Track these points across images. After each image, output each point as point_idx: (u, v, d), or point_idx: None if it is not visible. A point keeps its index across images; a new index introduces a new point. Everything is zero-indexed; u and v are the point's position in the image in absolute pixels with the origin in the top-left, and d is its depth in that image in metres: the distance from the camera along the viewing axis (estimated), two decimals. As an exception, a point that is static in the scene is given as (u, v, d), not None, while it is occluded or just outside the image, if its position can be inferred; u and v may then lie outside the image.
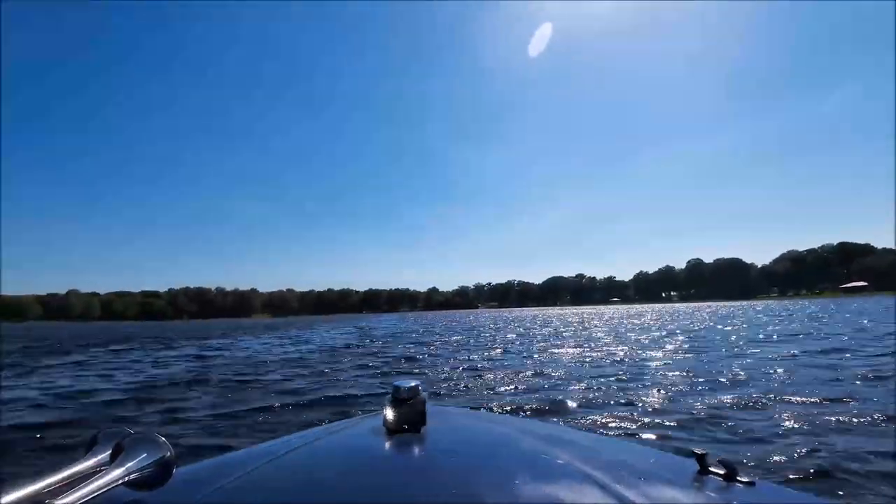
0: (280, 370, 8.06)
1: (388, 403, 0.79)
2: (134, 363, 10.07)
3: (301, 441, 0.77)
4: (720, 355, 8.04)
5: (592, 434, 1.19)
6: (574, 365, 7.58)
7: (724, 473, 0.64)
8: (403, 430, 0.76)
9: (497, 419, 1.17)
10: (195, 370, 8.39)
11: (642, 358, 8.11)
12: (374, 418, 0.88)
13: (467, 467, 0.64)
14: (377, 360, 9.33)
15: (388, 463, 0.68)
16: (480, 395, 5.31)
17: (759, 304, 57.38)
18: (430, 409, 0.83)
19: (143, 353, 12.92)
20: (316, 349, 12.50)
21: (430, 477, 0.59)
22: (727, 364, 6.85)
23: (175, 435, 3.88)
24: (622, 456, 0.73)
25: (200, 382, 6.68)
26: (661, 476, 0.63)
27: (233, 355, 11.41)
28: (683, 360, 7.70)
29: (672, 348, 9.63)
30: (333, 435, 0.82)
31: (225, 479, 0.59)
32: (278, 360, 9.72)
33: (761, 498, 0.61)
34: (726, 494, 0.60)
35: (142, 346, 15.97)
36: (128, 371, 8.54)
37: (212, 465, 0.69)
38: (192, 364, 9.56)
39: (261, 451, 0.74)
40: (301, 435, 0.85)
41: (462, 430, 0.87)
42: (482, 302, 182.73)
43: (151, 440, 0.47)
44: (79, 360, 11.06)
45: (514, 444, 0.76)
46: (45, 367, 9.58)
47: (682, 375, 6.04)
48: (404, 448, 0.72)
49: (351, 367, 8.16)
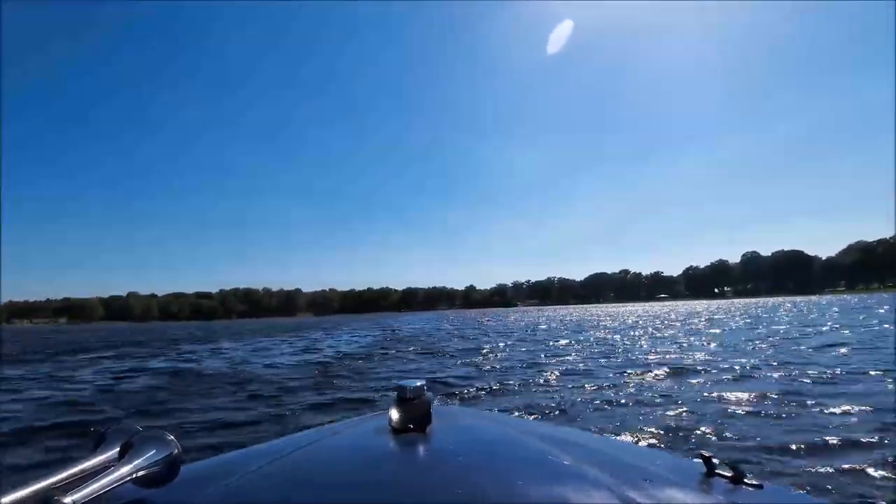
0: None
1: (394, 403, 0.78)
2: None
3: (307, 440, 0.77)
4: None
5: (598, 435, 1.12)
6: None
7: (732, 476, 0.63)
8: (409, 430, 0.75)
9: (503, 419, 1.15)
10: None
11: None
12: (380, 418, 0.86)
13: (472, 467, 0.63)
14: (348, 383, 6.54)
15: (394, 462, 0.67)
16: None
17: (828, 298, 51.81)
18: (436, 408, 0.82)
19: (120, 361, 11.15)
20: (312, 360, 9.50)
21: (436, 476, 0.59)
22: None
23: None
24: (628, 458, 0.72)
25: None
26: (668, 478, 0.62)
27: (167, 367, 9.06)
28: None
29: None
30: (339, 434, 0.82)
31: (231, 477, 0.60)
32: (211, 376, 7.57)
33: (769, 501, 0.60)
34: (733, 497, 0.59)
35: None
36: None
37: (218, 463, 0.69)
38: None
39: (267, 450, 0.74)
40: (307, 434, 0.85)
41: (468, 430, 0.86)
42: (521, 300, 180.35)
43: (159, 437, 0.47)
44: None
45: (519, 445, 0.75)
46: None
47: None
48: (409, 447, 0.71)
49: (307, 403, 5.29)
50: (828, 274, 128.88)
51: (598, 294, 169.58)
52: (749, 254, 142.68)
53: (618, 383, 5.54)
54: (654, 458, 0.75)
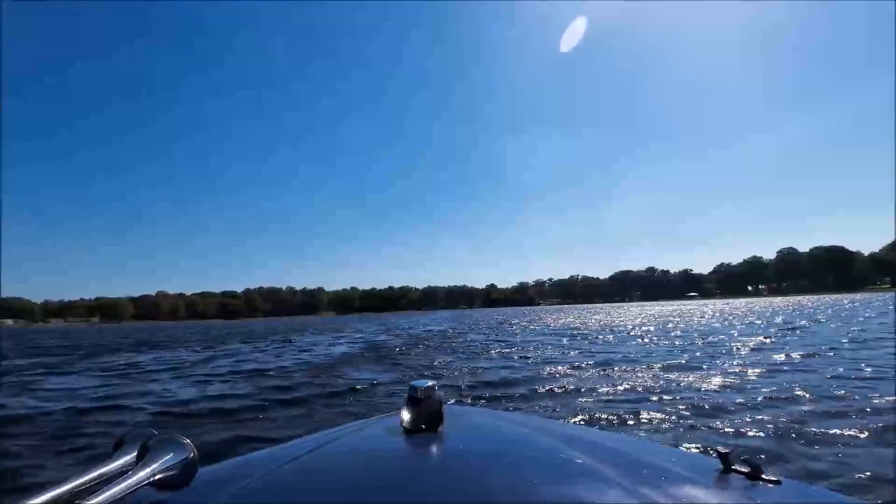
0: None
1: (405, 403, 0.78)
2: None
3: (319, 442, 0.78)
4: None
5: (612, 433, 1.12)
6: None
7: (749, 472, 0.62)
8: (420, 430, 0.76)
9: (514, 418, 1.12)
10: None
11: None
12: (391, 418, 0.87)
13: (484, 467, 0.63)
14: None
15: (406, 463, 0.68)
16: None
17: (883, 296, 47.90)
18: (447, 408, 0.82)
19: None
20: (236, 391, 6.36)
21: (448, 477, 0.59)
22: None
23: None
24: (643, 455, 0.71)
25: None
26: (684, 475, 0.62)
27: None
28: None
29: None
30: (351, 435, 0.83)
31: (246, 480, 0.61)
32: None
33: (787, 497, 0.59)
34: (751, 493, 0.58)
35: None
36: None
37: (233, 466, 0.70)
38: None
39: (281, 452, 0.75)
40: (319, 436, 0.86)
41: (479, 430, 0.86)
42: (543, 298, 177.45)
43: (176, 441, 0.48)
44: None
45: (531, 444, 0.75)
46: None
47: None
48: (421, 448, 0.71)
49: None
50: (872, 270, 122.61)
51: (625, 293, 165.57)
52: (786, 250, 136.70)
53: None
54: (669, 456, 0.74)
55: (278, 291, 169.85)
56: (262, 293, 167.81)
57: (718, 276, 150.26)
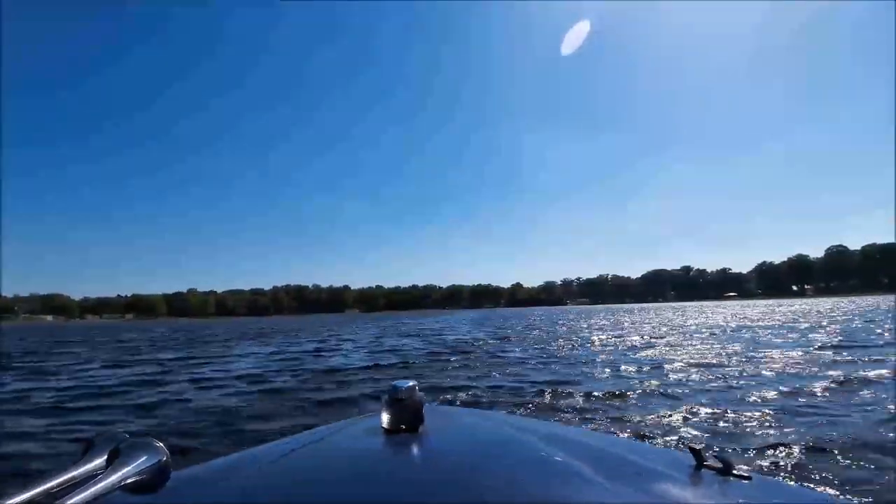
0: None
1: (385, 404, 0.78)
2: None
3: (298, 442, 0.78)
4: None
5: (589, 431, 1.13)
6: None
7: (721, 468, 0.64)
8: (401, 430, 0.76)
9: (493, 417, 1.16)
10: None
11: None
12: (372, 419, 0.87)
13: (464, 466, 0.64)
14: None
15: (386, 463, 0.68)
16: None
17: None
18: (428, 408, 0.83)
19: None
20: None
21: (427, 476, 0.60)
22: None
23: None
24: (619, 452, 0.73)
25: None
26: (658, 471, 0.64)
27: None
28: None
29: None
30: (331, 436, 0.83)
31: (221, 483, 0.60)
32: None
33: (757, 492, 0.61)
34: (723, 488, 0.60)
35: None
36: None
37: (208, 469, 0.69)
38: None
39: (257, 454, 0.74)
40: (298, 437, 0.85)
41: (459, 430, 0.87)
42: (571, 298, 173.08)
43: (147, 444, 0.47)
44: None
45: (510, 443, 0.76)
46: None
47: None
48: (401, 448, 0.72)
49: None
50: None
51: (658, 292, 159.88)
52: (835, 247, 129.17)
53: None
54: (645, 453, 0.76)
55: (305, 289, 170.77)
56: (289, 291, 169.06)
57: (760, 276, 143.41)
